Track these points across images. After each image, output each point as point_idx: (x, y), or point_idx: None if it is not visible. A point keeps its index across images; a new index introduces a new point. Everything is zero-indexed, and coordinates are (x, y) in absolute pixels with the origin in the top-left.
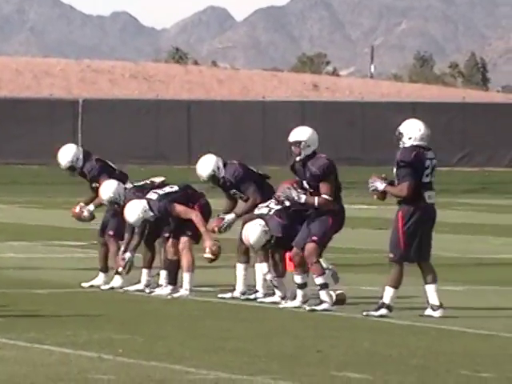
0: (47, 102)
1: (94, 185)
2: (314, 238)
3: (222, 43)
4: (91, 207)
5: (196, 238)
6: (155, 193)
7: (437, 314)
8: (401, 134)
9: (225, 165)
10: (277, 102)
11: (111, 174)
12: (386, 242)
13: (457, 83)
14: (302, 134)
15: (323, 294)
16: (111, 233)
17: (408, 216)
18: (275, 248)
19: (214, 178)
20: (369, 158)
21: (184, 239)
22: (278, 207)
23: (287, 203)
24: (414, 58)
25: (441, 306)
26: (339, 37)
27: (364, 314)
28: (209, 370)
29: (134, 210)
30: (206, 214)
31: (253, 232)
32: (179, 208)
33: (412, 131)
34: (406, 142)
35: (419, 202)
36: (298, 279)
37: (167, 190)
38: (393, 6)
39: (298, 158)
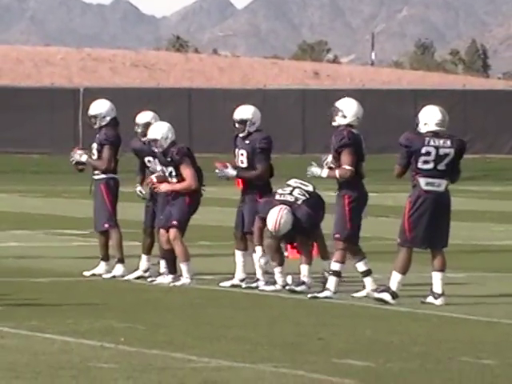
0: (48, 91)
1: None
2: (337, 235)
3: (223, 31)
4: (84, 157)
5: (183, 227)
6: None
7: (438, 302)
8: (418, 120)
9: (257, 130)
10: (277, 89)
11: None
12: (387, 229)
13: (458, 70)
14: (345, 103)
15: (331, 281)
16: (106, 225)
17: (413, 202)
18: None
19: (244, 123)
20: (370, 146)
21: (172, 230)
22: (304, 197)
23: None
24: (414, 45)
25: (442, 295)
26: (340, 24)
27: (365, 293)
28: (210, 358)
29: (161, 128)
30: (194, 203)
31: (284, 218)
32: (189, 167)
33: (426, 117)
34: (422, 128)
35: (418, 188)
36: (360, 267)
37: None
38: None
39: (332, 123)
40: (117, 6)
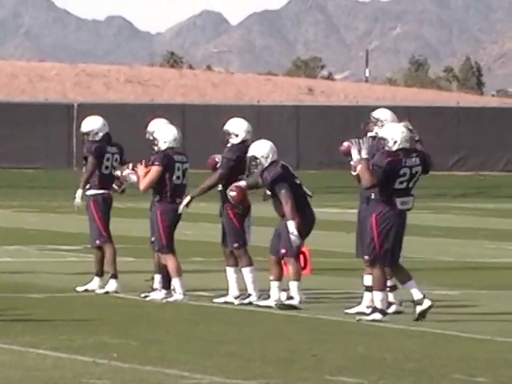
0: (42, 106)
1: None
2: (366, 257)
3: (217, 47)
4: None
5: (166, 246)
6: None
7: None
8: (384, 139)
9: (243, 142)
10: (271, 106)
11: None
12: None
13: (452, 87)
14: (386, 113)
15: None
16: (98, 242)
17: (382, 218)
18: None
19: (228, 135)
20: None
21: (158, 255)
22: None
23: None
24: (408, 62)
25: (418, 303)
26: (334, 41)
27: (356, 318)
28: (203, 375)
29: (166, 132)
30: (168, 216)
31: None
32: (154, 173)
33: (394, 135)
34: (392, 146)
35: (392, 207)
36: (368, 281)
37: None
38: (388, 9)
39: (369, 134)
40: (111, 21)
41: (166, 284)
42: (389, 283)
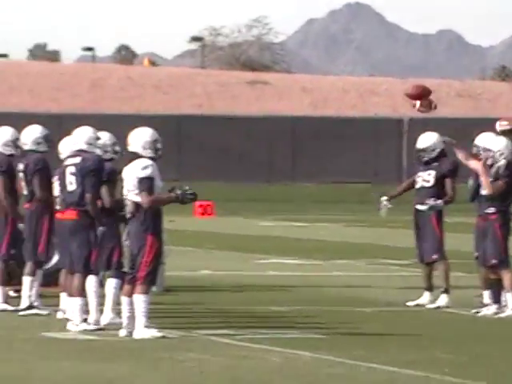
0: (372, 121)
1: None
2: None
3: None
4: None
5: (506, 261)
6: None
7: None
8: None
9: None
10: None
11: None
12: None
13: None
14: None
15: None
16: (435, 257)
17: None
18: None
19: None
20: None
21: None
22: None
23: None
24: None
25: None
26: None
27: None
28: None
29: (503, 142)
30: None
31: None
32: (503, 185)
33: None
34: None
35: None
36: None
37: None
38: None
39: None
40: (442, 35)
41: (498, 298)
42: None
